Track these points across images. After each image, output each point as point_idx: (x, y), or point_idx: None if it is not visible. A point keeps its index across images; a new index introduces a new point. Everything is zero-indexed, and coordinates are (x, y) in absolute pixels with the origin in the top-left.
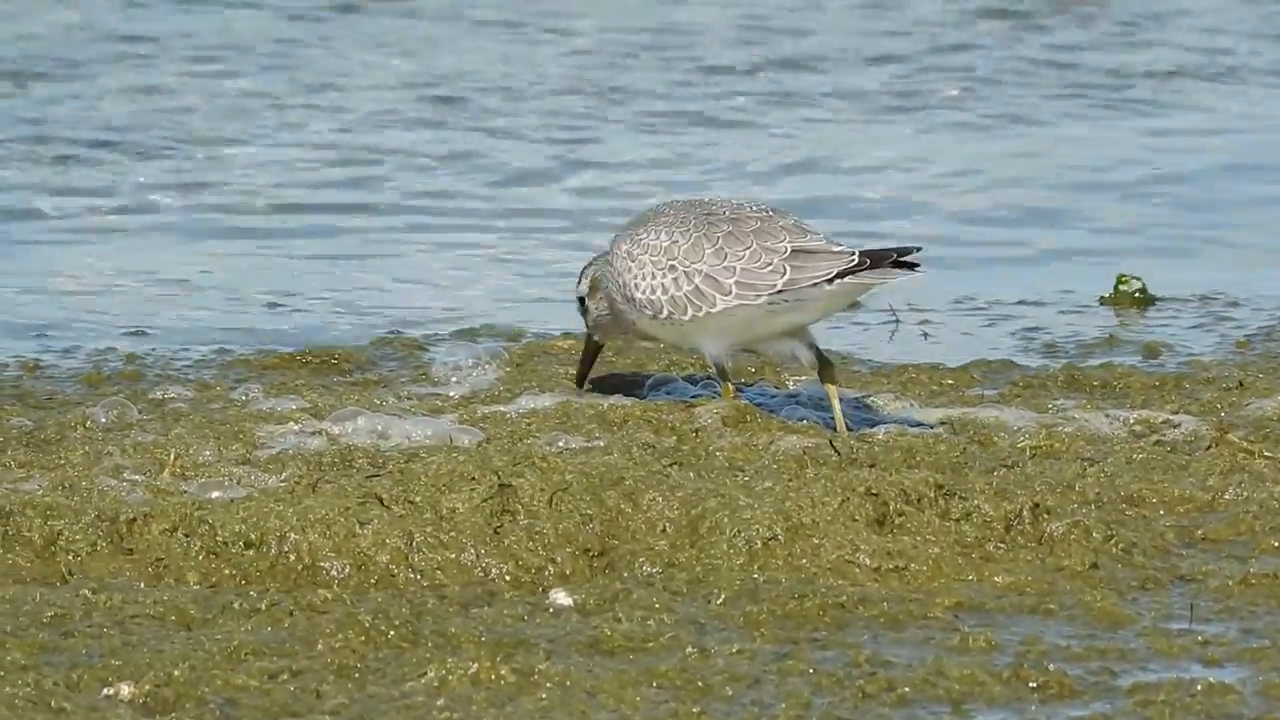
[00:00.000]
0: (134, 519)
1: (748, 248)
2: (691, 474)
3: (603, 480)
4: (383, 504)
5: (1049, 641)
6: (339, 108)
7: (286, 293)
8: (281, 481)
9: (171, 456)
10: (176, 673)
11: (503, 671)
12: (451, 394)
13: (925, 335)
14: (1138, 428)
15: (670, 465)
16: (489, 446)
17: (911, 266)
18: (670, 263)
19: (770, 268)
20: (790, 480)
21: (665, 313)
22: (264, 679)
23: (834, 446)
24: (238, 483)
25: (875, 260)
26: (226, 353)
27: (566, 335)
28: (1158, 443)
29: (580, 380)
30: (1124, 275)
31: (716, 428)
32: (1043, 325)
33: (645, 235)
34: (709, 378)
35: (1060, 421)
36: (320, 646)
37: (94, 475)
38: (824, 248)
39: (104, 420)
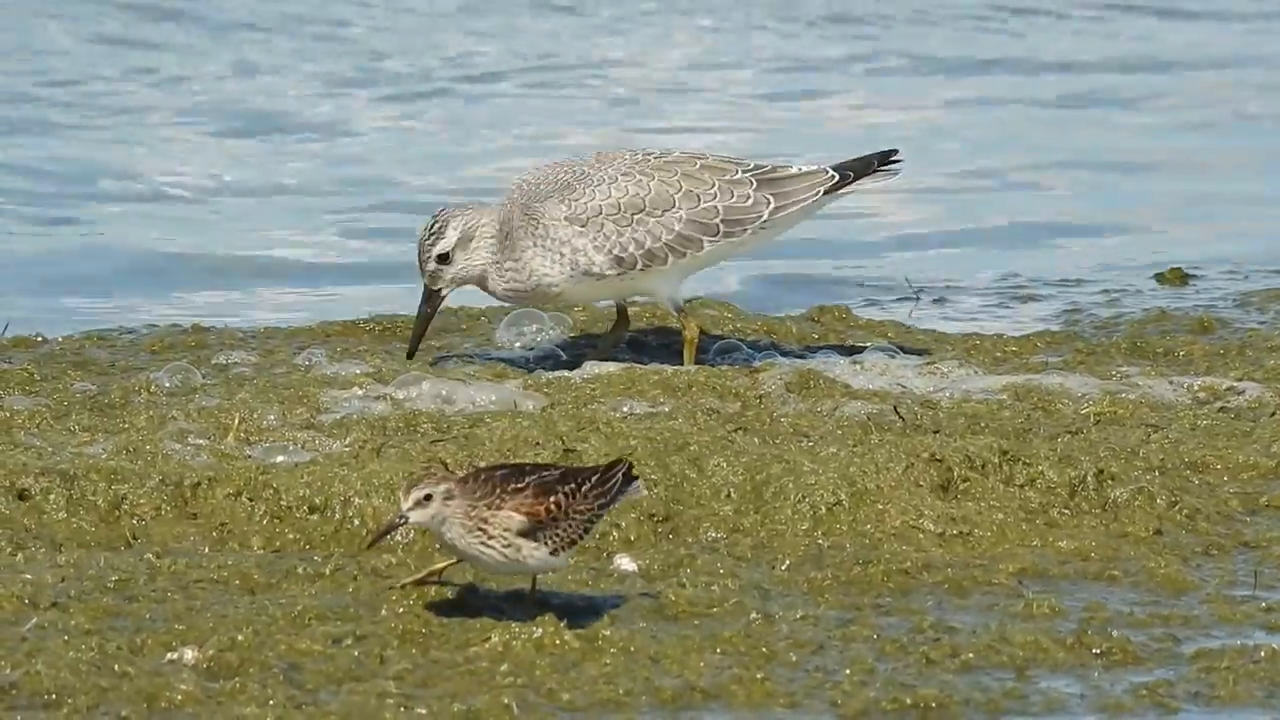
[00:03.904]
0: (198, 483)
1: (713, 186)
2: (756, 439)
3: (667, 445)
4: (447, 469)
5: (1113, 608)
6: (396, 82)
7: (350, 260)
8: (346, 446)
9: (236, 421)
10: (240, 637)
11: (567, 637)
12: (516, 360)
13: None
14: (1201, 394)
15: (734, 431)
16: (553, 412)
17: (891, 164)
18: (638, 216)
19: (750, 200)
20: (854, 446)
21: (639, 266)
22: (328, 644)
23: (898, 413)
24: (302, 447)
25: (859, 171)
26: (290, 319)
27: (631, 303)
28: (1222, 409)
29: (416, 347)
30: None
31: (780, 394)
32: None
33: (587, 197)
34: (771, 345)
35: (1124, 388)
36: (384, 611)
37: (158, 439)
38: (789, 172)
39: (168, 385)
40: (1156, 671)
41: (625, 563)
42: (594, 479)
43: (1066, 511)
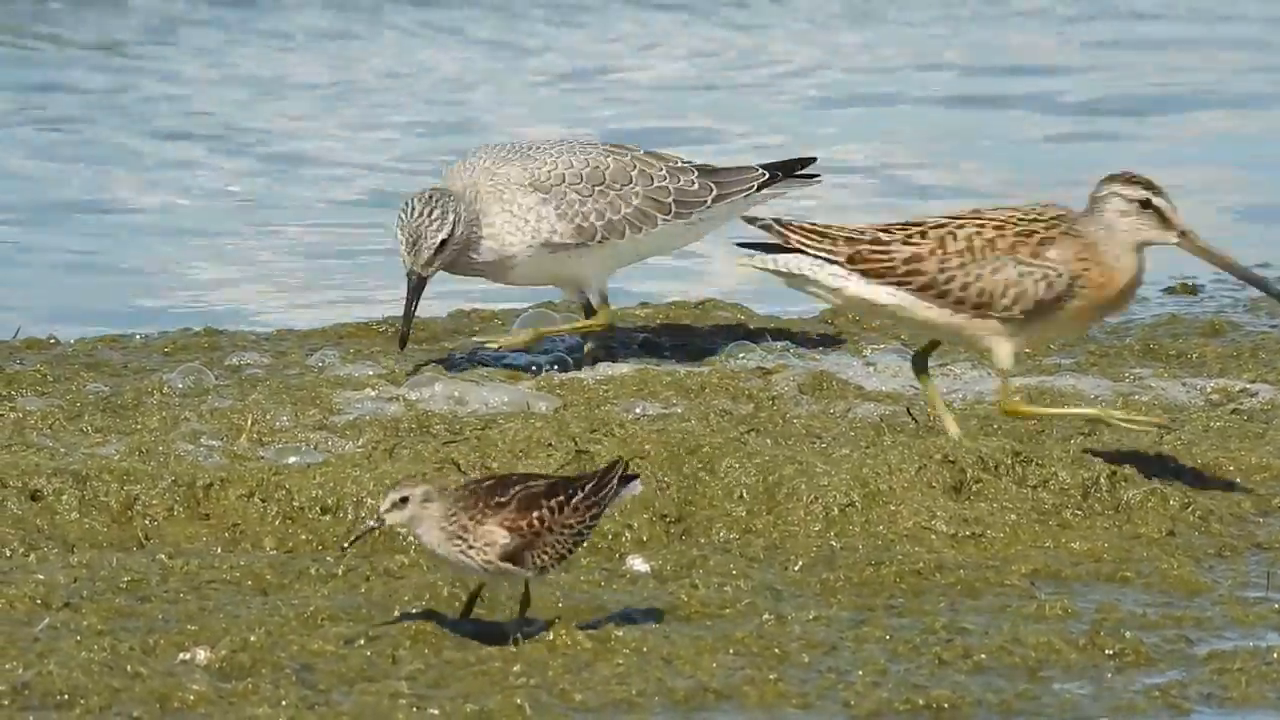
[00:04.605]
0: (211, 484)
1: (662, 169)
2: (769, 441)
3: (680, 447)
4: (460, 470)
5: (1125, 609)
6: (412, 99)
7: (365, 265)
8: (358, 447)
9: (248, 422)
10: (253, 638)
11: (579, 637)
12: (528, 361)
13: None
14: (1214, 396)
15: (747, 432)
16: (566, 413)
17: (811, 176)
18: (599, 187)
19: (696, 185)
20: (867, 447)
21: (599, 238)
22: (340, 644)
23: (911, 414)
24: (314, 448)
25: (786, 171)
26: (303, 320)
27: (644, 304)
28: (1234, 411)
29: (408, 335)
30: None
31: (793, 395)
32: None
33: (550, 165)
34: (785, 348)
35: (1137, 390)
36: (397, 612)
37: (171, 440)
38: (725, 165)
39: (181, 386)
40: (1169, 673)
41: (638, 564)
42: (587, 487)
43: (1079, 513)
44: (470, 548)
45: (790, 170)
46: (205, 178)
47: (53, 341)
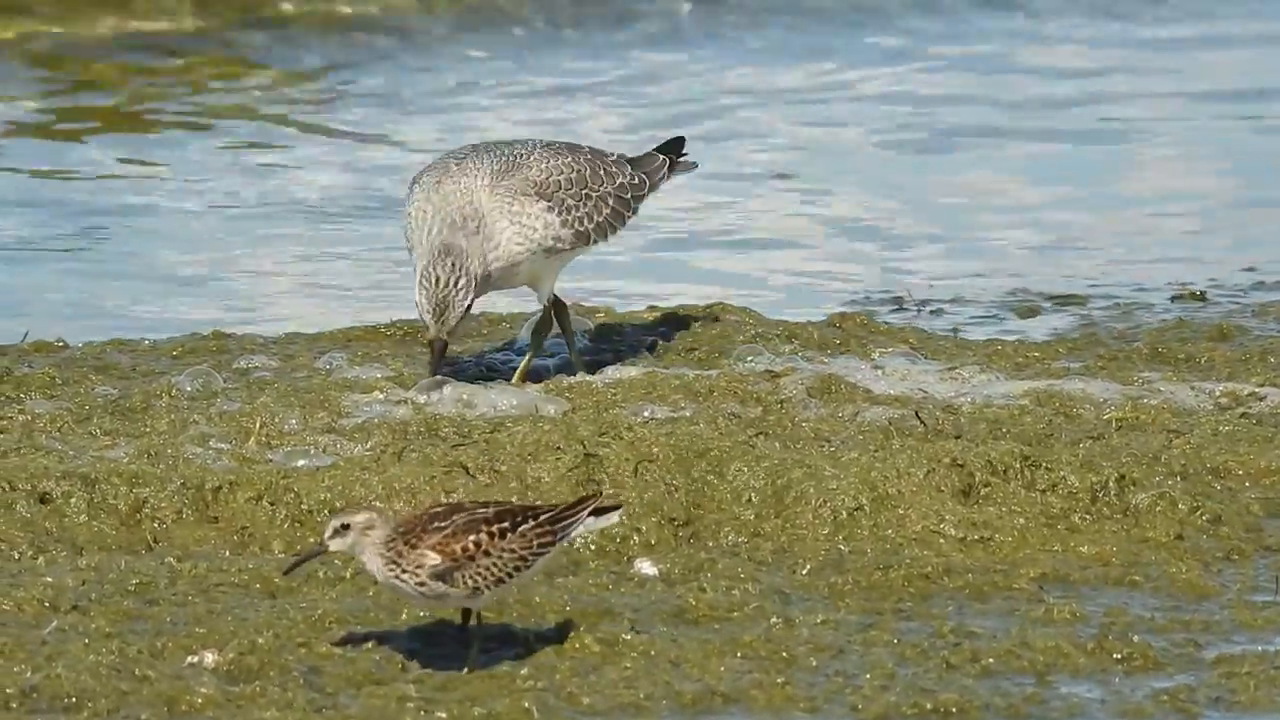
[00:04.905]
0: (219, 487)
1: (613, 166)
2: (777, 444)
3: (688, 450)
4: (468, 473)
5: (1134, 613)
6: (418, 101)
7: (372, 268)
8: (367, 450)
9: (257, 425)
10: (260, 641)
11: (587, 640)
12: (537, 364)
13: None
14: (1223, 400)
15: (756, 435)
16: (574, 416)
17: (685, 157)
18: (585, 191)
19: (636, 179)
20: (876, 451)
21: (592, 240)
22: (348, 647)
23: (919, 418)
24: (323, 451)
25: (675, 156)
26: (311, 324)
27: (652, 307)
28: (1243, 415)
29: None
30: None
31: (802, 398)
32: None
33: (545, 173)
34: (791, 349)
35: (1146, 394)
36: (405, 615)
37: (179, 443)
38: (638, 155)
39: (189, 389)
40: (1177, 677)
41: (646, 567)
42: (542, 517)
43: (1088, 516)
44: (404, 571)
45: (677, 152)
46: (213, 180)
47: (61, 344)
